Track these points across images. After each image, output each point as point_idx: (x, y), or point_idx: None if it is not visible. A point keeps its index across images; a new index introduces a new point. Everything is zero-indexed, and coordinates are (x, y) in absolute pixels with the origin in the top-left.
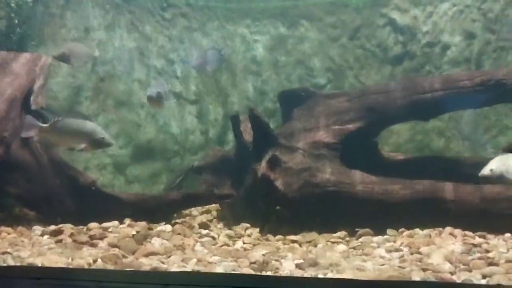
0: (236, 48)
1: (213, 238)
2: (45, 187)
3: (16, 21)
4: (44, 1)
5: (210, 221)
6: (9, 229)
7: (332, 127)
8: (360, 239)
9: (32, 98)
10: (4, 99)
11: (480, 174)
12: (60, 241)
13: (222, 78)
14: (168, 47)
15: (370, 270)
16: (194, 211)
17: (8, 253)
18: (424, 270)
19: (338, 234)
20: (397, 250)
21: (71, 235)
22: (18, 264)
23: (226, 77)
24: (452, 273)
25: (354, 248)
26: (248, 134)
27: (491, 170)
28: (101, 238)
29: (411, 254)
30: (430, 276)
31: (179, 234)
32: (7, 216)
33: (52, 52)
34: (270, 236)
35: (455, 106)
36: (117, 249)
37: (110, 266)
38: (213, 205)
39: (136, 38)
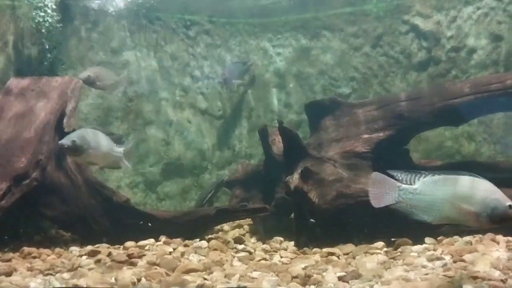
0: (259, 62)
1: (250, 252)
2: (80, 207)
3: (47, 46)
4: (72, 26)
5: (243, 235)
6: (47, 251)
7: (362, 136)
8: (399, 249)
9: (64, 121)
10: (38, 123)
11: None
12: (99, 261)
13: (248, 92)
14: (193, 64)
15: (417, 280)
16: (226, 226)
17: (51, 274)
18: (474, 278)
19: (375, 244)
20: (438, 258)
21: (109, 254)
22: (64, 285)
23: (251, 91)
24: (503, 281)
25: (393, 258)
26: (276, 147)
27: None
28: (140, 257)
29: (455, 262)
30: (483, 285)
31: (215, 249)
32: (43, 238)
33: (79, 76)
34: (306, 249)
35: (486, 110)
36: (158, 267)
37: (155, 285)
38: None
39: (161, 57)
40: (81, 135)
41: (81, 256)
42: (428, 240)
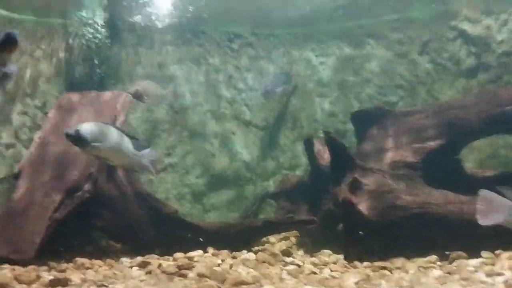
0: (302, 72)
1: (298, 266)
2: (130, 218)
3: (97, 62)
4: (120, 41)
5: (290, 247)
6: (99, 262)
7: (412, 146)
8: (454, 263)
9: None
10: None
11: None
12: (150, 272)
13: (291, 102)
14: (237, 76)
15: None
16: (272, 238)
17: (105, 286)
18: None
19: (428, 258)
20: (499, 274)
21: (159, 266)
22: None
23: (294, 101)
24: None
25: (449, 272)
26: (321, 158)
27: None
28: (189, 268)
29: None
30: None
31: (263, 262)
32: (95, 249)
33: (127, 90)
34: (356, 263)
35: None
36: (208, 279)
37: None
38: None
39: (206, 70)
40: (89, 127)
41: (131, 267)
42: (484, 253)
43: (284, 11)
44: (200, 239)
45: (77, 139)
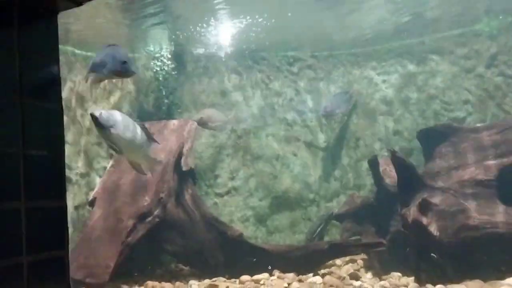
0: (363, 91)
1: None
2: (198, 242)
3: (164, 93)
4: (186, 72)
5: (357, 270)
6: (169, 285)
7: (484, 163)
8: None
9: (182, 160)
10: (159, 164)
11: None
12: None
13: (352, 122)
14: (297, 99)
15: None
16: (338, 260)
17: None
18: None
19: (507, 280)
20: None
21: None
22: None
23: (356, 121)
24: None
25: None
26: (387, 177)
27: None
28: None
29: None
30: None
31: (331, 286)
32: (165, 272)
33: (193, 118)
34: (428, 286)
35: None
36: None
37: None
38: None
39: (266, 94)
40: (111, 113)
41: None
42: None
43: (344, 33)
44: (269, 267)
45: (98, 122)
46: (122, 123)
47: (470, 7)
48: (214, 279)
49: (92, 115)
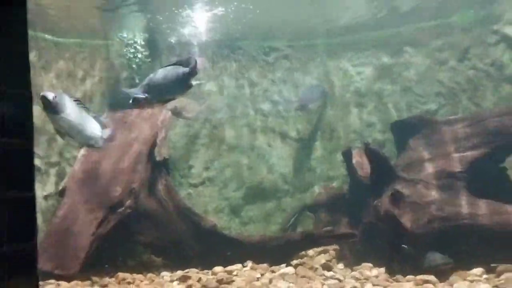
0: (339, 82)
1: (339, 280)
2: (171, 233)
3: (137, 81)
4: (160, 60)
5: (330, 261)
6: (140, 276)
7: (455, 155)
8: (502, 276)
9: (156, 150)
10: (132, 154)
11: None
12: (190, 286)
13: (327, 113)
14: (273, 89)
15: None
16: (310, 251)
17: None
18: None
19: (474, 271)
20: None
21: (199, 280)
22: None
23: (331, 112)
24: None
25: (496, 286)
26: (360, 169)
27: None
28: (229, 283)
29: None
30: None
31: (303, 276)
32: (137, 264)
33: (166, 107)
34: (399, 277)
35: None
36: None
37: None
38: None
39: (242, 84)
40: (63, 97)
41: (172, 281)
42: None
43: (321, 23)
44: (228, 253)
45: (49, 105)
46: (72, 108)
47: None
48: (186, 270)
49: (44, 97)
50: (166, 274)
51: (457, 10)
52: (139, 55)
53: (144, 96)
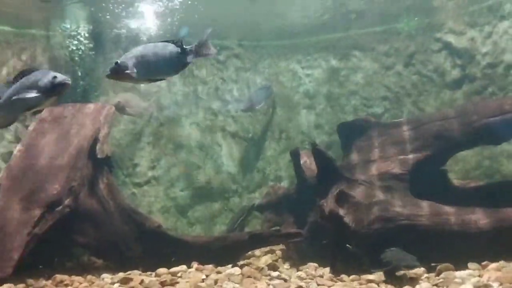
0: (288, 84)
1: (285, 280)
2: (113, 234)
3: (80, 74)
4: (104, 53)
5: (276, 261)
6: (79, 278)
7: (398, 157)
8: (441, 275)
9: (98, 147)
10: (72, 150)
11: None
12: None
13: (277, 114)
14: (223, 88)
15: None
16: (257, 251)
17: None
18: None
19: (415, 270)
20: (486, 286)
21: (141, 282)
22: None
23: (280, 113)
24: None
25: (436, 285)
26: (308, 169)
27: None
28: (172, 284)
29: None
30: None
31: (249, 277)
32: (76, 265)
33: (110, 102)
34: (343, 276)
35: None
36: None
37: None
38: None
39: (191, 82)
40: None
41: (113, 283)
42: (471, 265)
43: (271, 24)
44: (172, 259)
45: None
46: None
47: (392, 5)
48: (128, 272)
49: None
50: (106, 276)
51: (403, 17)
52: (82, 47)
53: (133, 71)
